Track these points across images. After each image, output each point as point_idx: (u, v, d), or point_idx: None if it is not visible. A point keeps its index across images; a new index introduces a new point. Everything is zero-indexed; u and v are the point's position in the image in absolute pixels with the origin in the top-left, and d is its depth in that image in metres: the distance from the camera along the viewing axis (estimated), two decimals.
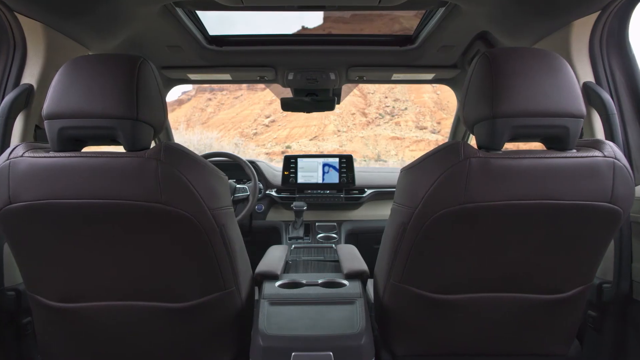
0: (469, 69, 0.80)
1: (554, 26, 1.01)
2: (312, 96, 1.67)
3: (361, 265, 1.12)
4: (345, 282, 1.05)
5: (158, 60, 1.39)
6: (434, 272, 0.85)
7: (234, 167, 1.86)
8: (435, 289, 0.86)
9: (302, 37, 1.36)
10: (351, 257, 1.23)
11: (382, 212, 1.91)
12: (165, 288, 0.84)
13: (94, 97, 0.71)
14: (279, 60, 1.41)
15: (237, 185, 1.72)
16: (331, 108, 1.71)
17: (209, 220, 0.78)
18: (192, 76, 1.52)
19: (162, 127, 0.82)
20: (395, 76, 1.53)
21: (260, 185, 1.90)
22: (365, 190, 1.87)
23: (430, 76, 1.53)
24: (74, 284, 0.82)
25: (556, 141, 0.75)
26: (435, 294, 0.86)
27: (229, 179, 1.98)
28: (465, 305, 0.88)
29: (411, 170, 0.81)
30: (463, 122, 0.82)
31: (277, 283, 1.04)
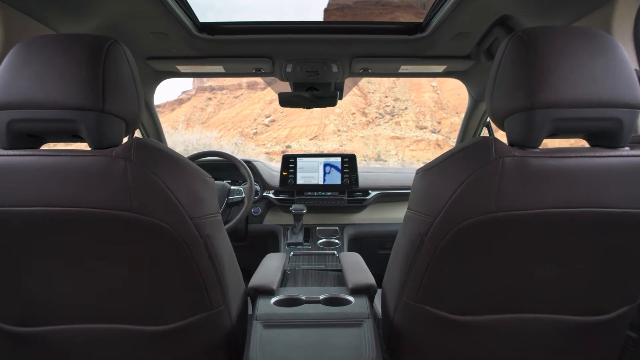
0: (497, 52, 0.67)
1: (594, 4, 0.88)
2: (312, 91, 1.54)
3: (367, 278, 1.00)
4: (351, 298, 0.93)
5: (143, 50, 1.26)
6: (455, 290, 0.73)
7: (229, 167, 1.74)
8: (456, 310, 0.74)
9: (302, 25, 1.23)
10: (356, 267, 1.10)
11: (386, 215, 1.79)
12: (141, 309, 0.72)
13: (51, 83, 0.59)
14: (276, 50, 1.29)
15: (232, 187, 1.59)
16: (333, 104, 1.59)
17: (191, 231, 0.66)
18: (182, 68, 1.39)
19: (136, 121, 0.70)
20: (403, 68, 1.41)
21: (257, 186, 1.77)
22: (370, 192, 1.75)
23: (441, 68, 1.41)
24: (33, 306, 0.70)
25: (606, 137, 0.63)
26: (456, 315, 0.75)
27: (223, 179, 1.86)
28: (489, 328, 0.76)
29: (430, 172, 0.69)
30: (490, 116, 0.70)
31: (273, 299, 0.92)
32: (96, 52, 0.61)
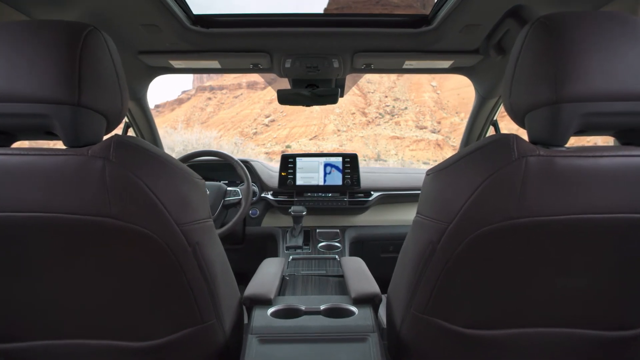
0: (516, 41, 0.61)
1: None
2: (312, 87, 1.48)
3: (372, 286, 0.94)
4: (354, 308, 0.87)
5: (133, 43, 1.20)
6: (469, 302, 0.67)
7: (225, 167, 1.68)
8: (469, 323, 0.68)
9: (301, 18, 1.17)
10: (359, 274, 1.04)
11: (389, 217, 1.72)
12: (125, 323, 0.66)
13: (19, 73, 0.53)
14: (274, 44, 1.22)
15: (228, 188, 1.53)
16: (334, 101, 1.52)
17: (178, 239, 0.59)
18: (175, 63, 1.32)
19: (118, 117, 0.63)
20: (407, 64, 1.34)
21: (255, 187, 1.71)
22: (372, 193, 1.68)
23: (447, 64, 1.34)
24: (9, 321, 0.64)
25: None
26: (469, 329, 0.68)
27: (219, 180, 1.80)
28: (505, 344, 0.69)
29: (443, 174, 0.62)
30: (509, 112, 0.63)
31: (270, 310, 0.85)
32: (72, 40, 0.54)
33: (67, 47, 0.54)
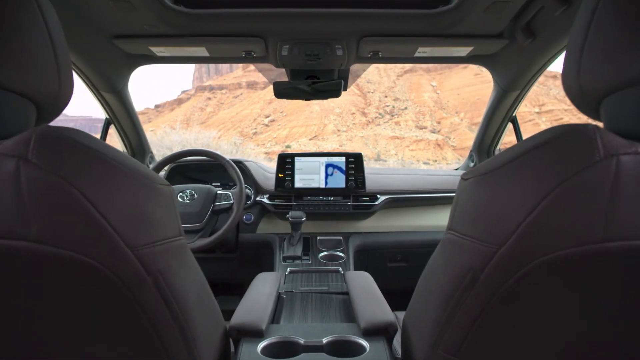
0: (582, 3, 0.45)
1: None
2: (312, 79, 1.32)
3: (385, 313, 0.78)
4: (364, 343, 0.71)
5: (107, 26, 1.04)
6: (518, 347, 0.51)
7: (217, 168, 1.52)
8: None
9: None
10: (368, 295, 0.88)
11: (397, 222, 1.56)
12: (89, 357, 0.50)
13: None
14: (269, 27, 1.06)
15: (219, 191, 1.36)
16: (336, 95, 1.36)
17: (132, 267, 0.44)
18: (157, 50, 1.17)
19: (56, 105, 0.47)
20: (420, 51, 1.19)
21: (249, 190, 1.55)
22: (378, 196, 1.52)
23: (465, 51, 1.18)
24: None
25: None
26: None
27: (210, 182, 1.63)
28: None
29: (490, 178, 0.47)
30: (575, 97, 0.48)
31: (261, 345, 0.70)
32: None
33: None
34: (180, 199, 1.30)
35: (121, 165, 0.44)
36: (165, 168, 1.58)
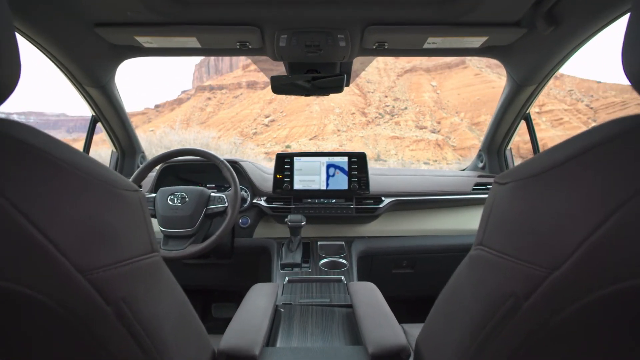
0: None
1: None
2: (313, 73, 1.22)
3: (396, 335, 0.68)
4: None
5: (86, 12, 0.95)
6: None
7: (211, 169, 1.42)
8: None
9: None
10: (375, 312, 0.78)
11: (403, 226, 1.47)
12: None
13: None
14: (265, 14, 0.97)
15: (212, 194, 1.27)
16: (338, 90, 1.26)
17: (84, 296, 0.35)
18: (144, 40, 1.07)
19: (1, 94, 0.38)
20: (430, 42, 1.09)
21: (244, 192, 1.45)
22: (383, 198, 1.42)
23: (479, 41, 1.09)
24: None
25: None
26: None
27: (204, 184, 1.54)
28: None
29: (537, 183, 0.37)
30: None
31: None
32: None
33: None
34: (170, 202, 1.21)
35: (71, 166, 0.35)
36: (157, 168, 1.48)
